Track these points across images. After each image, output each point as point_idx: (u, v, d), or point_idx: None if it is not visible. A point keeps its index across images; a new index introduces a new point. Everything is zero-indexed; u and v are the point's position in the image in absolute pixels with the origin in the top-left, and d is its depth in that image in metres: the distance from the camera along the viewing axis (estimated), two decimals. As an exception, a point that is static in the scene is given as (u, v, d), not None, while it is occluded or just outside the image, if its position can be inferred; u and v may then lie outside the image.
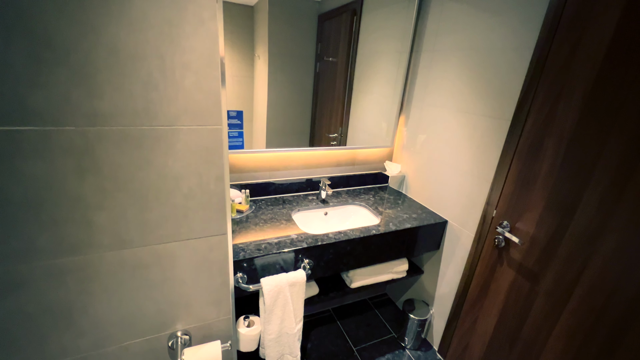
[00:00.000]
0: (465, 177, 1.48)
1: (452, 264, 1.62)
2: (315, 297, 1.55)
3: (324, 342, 1.78)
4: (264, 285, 1.15)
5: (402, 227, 1.48)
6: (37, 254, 0.65)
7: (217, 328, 0.92)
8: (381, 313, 2.02)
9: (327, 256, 1.34)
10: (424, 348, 1.78)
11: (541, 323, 1.19)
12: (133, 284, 0.76)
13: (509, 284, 1.30)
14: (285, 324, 1.25)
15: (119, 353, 0.81)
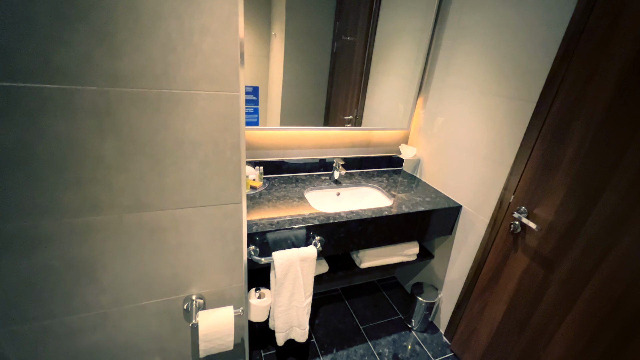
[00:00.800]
0: (483, 162, 1.44)
1: (463, 250, 1.60)
2: (325, 275, 1.57)
3: (332, 319, 1.82)
4: (276, 259, 1.18)
5: (415, 210, 1.47)
6: (61, 211, 0.67)
7: (230, 295, 0.95)
8: (389, 295, 2.04)
9: (338, 234, 1.35)
10: (430, 331, 1.80)
11: (553, 311, 1.17)
12: (151, 246, 0.79)
13: (522, 270, 1.27)
14: (295, 298, 1.28)
15: (138, 311, 0.85)
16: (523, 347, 1.29)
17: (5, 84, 0.55)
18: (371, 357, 1.61)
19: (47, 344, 0.79)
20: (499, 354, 1.41)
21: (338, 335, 1.72)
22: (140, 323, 0.87)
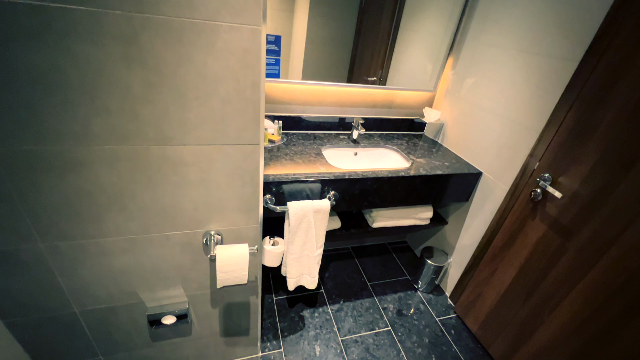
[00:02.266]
0: (511, 127, 1.37)
1: (479, 217, 1.59)
2: (337, 231, 1.61)
3: (341, 274, 1.90)
4: (290, 208, 1.22)
5: (433, 173, 1.45)
6: (93, 138, 0.72)
7: (246, 234, 1.01)
8: (398, 257, 2.08)
9: (352, 191, 1.36)
10: (435, 293, 1.85)
11: (564, 279, 1.16)
12: (174, 180, 0.83)
13: (537, 238, 1.26)
14: (306, 247, 1.34)
15: (162, 240, 0.92)
16: (527, 312, 1.32)
17: (36, 2, 0.57)
18: (376, 311, 1.69)
19: (84, 261, 0.88)
20: (501, 317, 1.44)
21: (346, 288, 1.80)
22: (165, 252, 0.95)
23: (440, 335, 1.60)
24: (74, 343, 1.05)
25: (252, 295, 1.19)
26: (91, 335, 1.06)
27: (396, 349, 1.51)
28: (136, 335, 1.12)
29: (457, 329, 1.64)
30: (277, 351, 1.44)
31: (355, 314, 1.66)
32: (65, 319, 0.98)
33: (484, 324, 1.54)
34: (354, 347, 1.49)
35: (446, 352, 1.52)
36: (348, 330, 1.57)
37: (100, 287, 0.96)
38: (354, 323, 1.61)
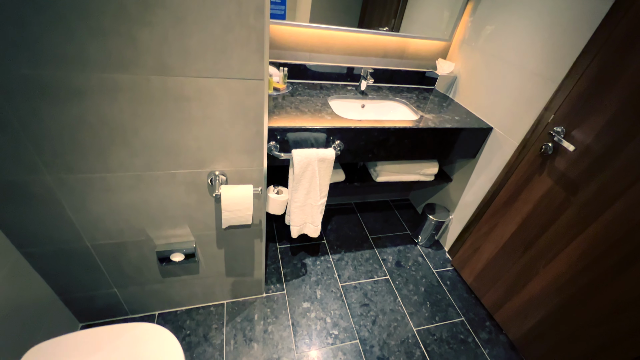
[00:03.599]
0: (529, 78, 1.29)
1: (485, 173, 1.57)
2: (341, 184, 1.61)
3: (343, 227, 1.94)
4: (295, 156, 1.20)
5: (442, 126, 1.41)
6: (89, 63, 0.69)
7: (250, 176, 1.01)
8: (400, 214, 2.11)
9: (358, 142, 1.34)
10: (434, 247, 1.90)
11: (564, 232, 1.17)
12: (177, 116, 0.81)
13: (542, 193, 1.25)
14: (310, 196, 1.35)
15: (167, 179, 0.93)
16: (523, 264, 1.35)
17: None
18: (376, 261, 1.75)
19: (92, 196, 0.90)
20: (496, 270, 1.48)
21: (347, 240, 1.86)
22: (170, 190, 0.96)
23: (436, 285, 1.67)
24: (88, 275, 1.11)
25: (257, 238, 1.23)
26: (104, 269, 1.11)
27: (393, 295, 1.59)
28: (147, 270, 1.18)
29: (452, 280, 1.71)
30: (280, 293, 1.52)
31: (355, 263, 1.72)
32: (78, 251, 1.03)
33: (479, 276, 1.59)
34: (352, 292, 1.57)
35: (440, 300, 1.60)
36: (348, 277, 1.64)
37: (109, 223, 0.99)
38: (354, 271, 1.68)
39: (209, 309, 1.41)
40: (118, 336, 0.89)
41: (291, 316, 1.43)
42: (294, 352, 1.31)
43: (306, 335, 1.37)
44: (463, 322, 1.51)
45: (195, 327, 1.34)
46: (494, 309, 1.52)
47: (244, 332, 1.35)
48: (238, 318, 1.39)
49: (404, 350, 1.37)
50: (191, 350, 1.27)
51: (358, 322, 1.44)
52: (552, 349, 1.26)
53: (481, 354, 1.40)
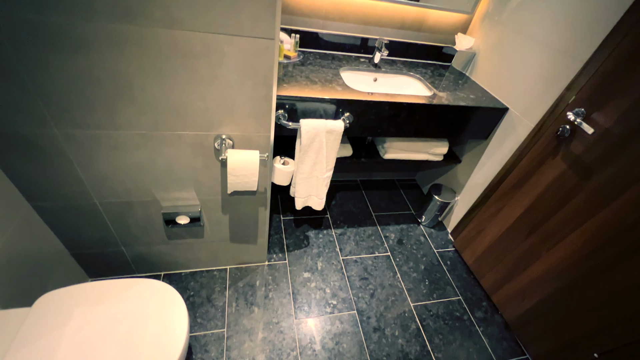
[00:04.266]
0: (554, 55, 1.23)
1: (495, 155, 1.53)
2: (348, 159, 1.60)
3: (347, 203, 1.95)
4: (303, 126, 1.18)
5: (455, 104, 1.36)
6: (96, 12, 0.67)
7: (257, 142, 1.00)
8: (405, 194, 2.10)
9: (368, 115, 1.31)
10: (438, 228, 1.90)
11: (572, 217, 1.15)
12: (184, 73, 0.79)
13: (553, 177, 1.22)
14: (316, 168, 1.34)
15: (174, 140, 0.92)
16: (525, 248, 1.35)
17: None
18: (377, 238, 1.77)
19: (99, 153, 0.91)
20: (498, 253, 1.48)
21: (351, 216, 1.87)
22: (177, 152, 0.96)
23: (436, 265, 1.69)
24: (97, 232, 1.14)
25: (261, 206, 1.24)
26: (112, 227, 1.14)
27: (392, 271, 1.61)
28: (153, 231, 1.20)
29: (453, 261, 1.72)
30: (282, 262, 1.55)
31: (357, 238, 1.74)
32: (87, 209, 1.05)
33: (480, 258, 1.60)
34: (353, 266, 1.60)
35: (439, 278, 1.62)
36: (349, 251, 1.66)
37: (117, 182, 1.00)
38: (356, 246, 1.70)
39: (213, 273, 1.45)
40: (125, 289, 0.92)
41: (292, 285, 1.47)
42: (293, 317, 1.35)
43: (305, 303, 1.41)
44: (460, 301, 1.54)
45: (199, 288, 1.39)
46: (492, 290, 1.54)
47: (245, 297, 1.39)
48: (240, 283, 1.44)
49: (399, 323, 1.40)
50: (194, 309, 1.32)
51: (357, 294, 1.48)
52: (546, 330, 1.28)
53: (475, 332, 1.43)
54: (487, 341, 1.40)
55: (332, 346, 1.28)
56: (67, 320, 0.84)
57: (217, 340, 1.24)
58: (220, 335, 1.25)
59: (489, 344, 1.39)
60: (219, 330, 1.27)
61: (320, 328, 1.33)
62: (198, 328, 1.26)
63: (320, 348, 1.27)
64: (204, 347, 1.22)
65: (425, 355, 1.32)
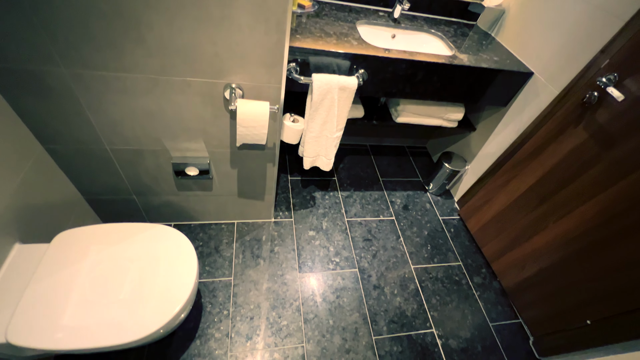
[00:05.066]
0: (592, 14, 1.12)
1: (513, 124, 1.48)
2: (359, 120, 1.56)
3: (355, 167, 1.94)
4: (315, 80, 1.14)
5: (477, 65, 1.28)
6: None
7: (267, 94, 0.97)
8: (415, 161, 2.08)
9: (384, 73, 1.25)
10: (444, 196, 1.90)
11: (585, 189, 1.13)
12: (193, 12, 0.75)
13: (572, 147, 1.18)
14: (326, 127, 1.31)
15: (183, 86, 0.90)
16: (533, 218, 1.34)
17: None
18: (383, 202, 1.78)
19: (108, 96, 0.89)
20: (504, 222, 1.48)
21: (358, 180, 1.86)
22: (186, 99, 0.94)
23: (440, 231, 1.70)
24: (109, 179, 1.17)
25: (270, 162, 1.24)
26: (123, 174, 1.16)
27: (396, 235, 1.64)
28: (163, 181, 1.22)
29: (456, 228, 1.73)
30: (288, 220, 1.58)
31: (363, 202, 1.75)
32: (98, 154, 1.06)
33: (484, 227, 1.61)
34: (357, 227, 1.62)
35: (441, 244, 1.65)
36: (354, 214, 1.68)
37: (126, 128, 0.99)
38: (361, 209, 1.71)
39: (221, 226, 1.50)
40: (139, 232, 0.96)
41: (297, 241, 1.51)
42: (297, 271, 1.41)
43: (309, 259, 1.46)
44: (460, 267, 1.57)
45: (207, 239, 1.44)
46: (493, 258, 1.56)
47: (252, 250, 1.44)
48: (247, 237, 1.48)
49: (399, 283, 1.45)
50: (203, 258, 1.38)
51: (359, 254, 1.52)
52: (542, 298, 1.31)
53: (472, 295, 1.48)
54: (482, 304, 1.45)
55: (333, 299, 1.35)
56: (84, 256, 0.88)
57: (224, 287, 1.31)
58: (228, 283, 1.32)
59: (484, 307, 1.44)
60: (226, 279, 1.33)
61: (322, 282, 1.39)
62: (207, 275, 1.33)
63: (322, 300, 1.34)
64: (212, 292, 1.29)
65: (422, 313, 1.38)
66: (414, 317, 1.36)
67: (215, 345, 1.16)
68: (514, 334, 1.38)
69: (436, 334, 1.33)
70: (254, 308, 1.27)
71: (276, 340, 1.20)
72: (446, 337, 1.33)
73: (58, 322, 0.76)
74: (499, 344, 1.34)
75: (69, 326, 0.76)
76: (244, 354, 1.15)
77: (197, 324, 1.20)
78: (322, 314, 1.30)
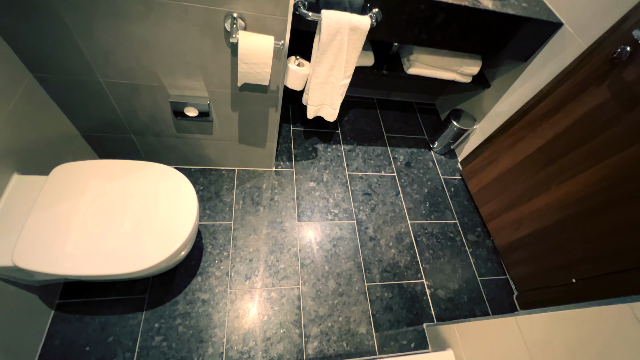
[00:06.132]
0: (643, -49, 0.99)
1: (532, 81, 1.39)
2: (368, 69, 1.47)
3: (360, 121, 1.88)
4: (324, 18, 1.04)
5: (501, 11, 1.17)
6: None
7: (272, 27, 0.89)
8: (422, 118, 2.01)
9: (399, 14, 1.14)
10: (448, 156, 1.87)
11: (596, 151, 1.10)
12: None
13: (591, 107, 1.12)
14: (333, 72, 1.23)
15: (180, 12, 0.82)
16: (536, 180, 1.33)
17: None
18: (386, 158, 1.75)
19: (98, 20, 0.82)
20: (506, 183, 1.47)
21: (362, 134, 1.82)
22: (183, 29, 0.86)
23: (440, 190, 1.71)
24: (106, 116, 1.13)
25: (272, 107, 1.19)
26: (120, 112, 1.11)
27: (396, 190, 1.64)
28: (162, 122, 1.18)
29: (457, 188, 1.73)
30: (289, 170, 1.57)
31: (365, 157, 1.73)
32: (91, 86, 1.00)
33: (485, 187, 1.60)
34: (358, 181, 1.62)
35: (440, 202, 1.66)
36: (356, 168, 1.67)
37: (120, 58, 0.93)
38: (363, 164, 1.69)
39: (221, 172, 1.49)
40: (139, 169, 0.95)
41: (297, 191, 1.52)
42: (296, 220, 1.43)
43: (308, 209, 1.48)
44: (456, 224, 1.60)
45: (208, 184, 1.44)
46: (489, 218, 1.58)
47: (252, 197, 1.45)
48: (247, 184, 1.48)
49: (394, 236, 1.49)
50: (203, 202, 1.39)
51: (358, 207, 1.54)
52: (532, 257, 1.35)
53: (464, 252, 1.52)
54: (473, 260, 1.51)
55: (330, 248, 1.39)
56: (84, 190, 0.88)
57: (224, 231, 1.34)
58: (228, 227, 1.35)
59: (474, 263, 1.50)
60: (227, 223, 1.36)
61: (320, 231, 1.42)
62: (207, 219, 1.35)
63: (319, 248, 1.38)
64: (212, 234, 1.32)
65: (414, 265, 1.43)
66: (407, 268, 1.42)
67: (215, 282, 1.22)
68: (499, 288, 1.45)
69: (426, 284, 1.39)
70: (253, 251, 1.32)
71: (274, 281, 1.26)
72: (435, 287, 1.40)
73: (62, 249, 0.79)
74: (484, 296, 1.41)
75: (73, 254, 0.79)
76: (243, 291, 1.22)
77: (199, 263, 1.25)
78: (318, 260, 1.35)
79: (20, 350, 0.95)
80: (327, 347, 1.17)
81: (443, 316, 1.33)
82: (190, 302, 1.17)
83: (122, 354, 1.05)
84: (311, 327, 1.20)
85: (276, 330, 1.17)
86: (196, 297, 1.18)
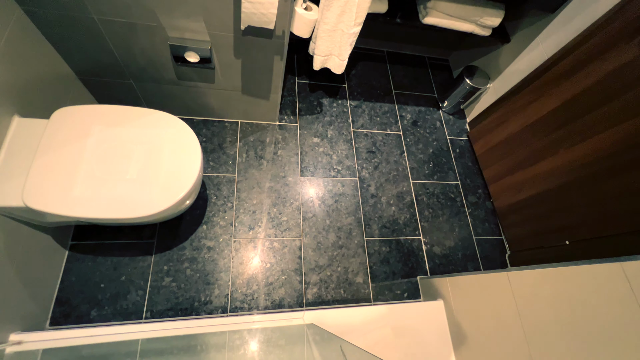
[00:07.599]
0: None
1: (556, 35, 1.29)
2: (381, 17, 1.36)
3: (368, 75, 1.79)
4: (336, -49, 0.93)
5: (537, -50, 1.04)
6: None
7: (279, -40, 0.80)
8: (433, 74, 1.91)
9: (420, -50, 1.02)
10: (457, 116, 1.81)
11: (613, 115, 1.06)
12: None
13: (616, 66, 1.05)
14: (343, 19, 1.15)
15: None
16: (545, 143, 1.30)
17: None
18: (393, 116, 1.71)
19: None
20: (512, 146, 1.45)
21: (369, 89, 1.75)
22: (181, -41, 0.78)
23: (445, 151, 1.69)
24: (102, 57, 1.07)
25: (277, 55, 1.12)
26: (116, 53, 1.06)
27: (400, 150, 1.62)
28: (161, 67, 1.13)
29: (462, 150, 1.71)
30: (293, 124, 1.54)
31: (372, 113, 1.68)
32: (85, 24, 0.94)
33: (491, 149, 1.58)
34: (362, 139, 1.60)
35: (444, 163, 1.65)
36: (361, 125, 1.63)
37: (114, -7, 0.86)
38: (369, 121, 1.65)
39: (224, 124, 1.46)
40: (141, 116, 0.93)
41: (300, 146, 1.50)
42: (299, 175, 1.44)
43: (312, 164, 1.48)
44: (457, 185, 1.61)
45: (211, 136, 1.43)
46: (492, 180, 1.58)
47: (255, 150, 1.44)
48: (251, 137, 1.47)
49: (396, 194, 1.51)
50: (207, 154, 1.39)
51: (361, 165, 1.53)
52: (528, 219, 1.38)
53: (463, 212, 1.55)
54: (470, 220, 1.54)
55: (331, 203, 1.42)
56: (86, 134, 0.87)
57: (228, 182, 1.35)
58: (231, 179, 1.36)
59: (472, 223, 1.54)
60: (230, 175, 1.37)
61: (322, 187, 1.44)
62: (211, 170, 1.36)
63: (320, 202, 1.40)
64: (216, 185, 1.34)
65: (413, 222, 1.47)
66: (406, 225, 1.45)
67: (220, 231, 1.27)
68: (494, 247, 1.51)
69: (423, 241, 1.44)
70: (257, 203, 1.34)
71: (276, 232, 1.31)
72: (432, 244, 1.45)
73: (70, 192, 0.80)
74: (478, 254, 1.47)
75: (81, 197, 0.80)
76: (246, 240, 1.27)
77: (204, 212, 1.28)
78: (319, 214, 1.38)
79: (41, 284, 1.02)
80: (326, 294, 1.25)
81: (437, 271, 1.40)
82: (196, 249, 1.22)
83: (135, 291, 1.12)
84: (311, 275, 1.27)
85: (278, 277, 1.24)
86: (202, 244, 1.23)
